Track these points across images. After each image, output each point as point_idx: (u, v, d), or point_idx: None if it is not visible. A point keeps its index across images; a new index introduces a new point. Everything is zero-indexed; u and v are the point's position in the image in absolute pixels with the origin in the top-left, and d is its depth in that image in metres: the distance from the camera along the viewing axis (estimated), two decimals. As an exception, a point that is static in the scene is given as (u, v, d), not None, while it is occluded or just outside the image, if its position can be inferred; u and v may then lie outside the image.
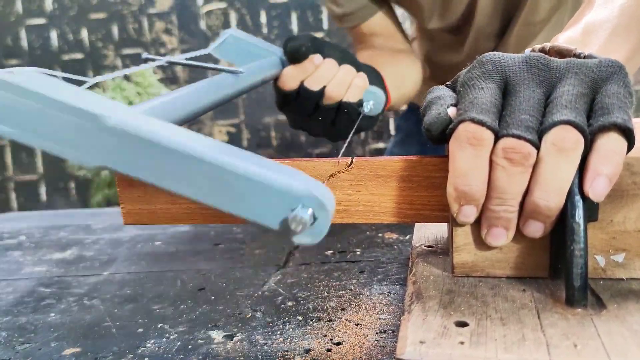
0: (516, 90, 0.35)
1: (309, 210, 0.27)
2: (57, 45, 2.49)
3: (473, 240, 0.37)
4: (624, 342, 0.29)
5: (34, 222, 0.87)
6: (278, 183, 0.27)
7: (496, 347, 0.29)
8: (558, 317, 0.31)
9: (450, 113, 0.36)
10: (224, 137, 2.47)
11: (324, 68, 0.65)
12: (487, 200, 0.34)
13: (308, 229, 0.27)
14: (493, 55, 0.37)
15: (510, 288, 0.35)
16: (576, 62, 0.35)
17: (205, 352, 0.42)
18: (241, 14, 2.41)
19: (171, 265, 0.61)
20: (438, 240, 0.44)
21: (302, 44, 0.64)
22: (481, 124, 0.33)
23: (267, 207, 0.27)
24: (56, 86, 0.27)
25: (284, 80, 0.65)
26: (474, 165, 0.33)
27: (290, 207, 0.27)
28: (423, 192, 0.39)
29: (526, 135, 0.32)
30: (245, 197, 0.27)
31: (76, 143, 0.27)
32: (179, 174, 0.27)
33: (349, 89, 0.67)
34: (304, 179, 0.28)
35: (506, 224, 0.35)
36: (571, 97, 0.33)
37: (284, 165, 0.28)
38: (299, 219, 0.26)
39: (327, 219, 0.27)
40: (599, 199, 0.32)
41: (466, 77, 0.37)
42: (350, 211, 0.40)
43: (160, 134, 0.27)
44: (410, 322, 0.31)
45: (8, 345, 0.45)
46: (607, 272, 0.36)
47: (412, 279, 0.38)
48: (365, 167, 0.39)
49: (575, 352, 0.28)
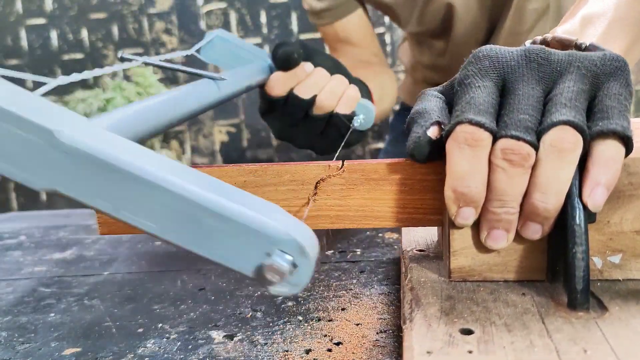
0: (515, 88, 0.34)
1: (288, 256, 0.23)
2: (57, 45, 2.49)
3: (470, 245, 0.36)
4: (632, 345, 0.28)
5: (34, 222, 0.87)
6: (251, 221, 0.23)
7: (506, 354, 0.28)
8: (562, 321, 0.31)
9: (430, 133, 0.36)
10: (224, 137, 2.47)
11: (315, 76, 0.63)
12: (486, 203, 0.34)
13: (286, 278, 0.23)
14: (490, 49, 0.36)
15: (509, 292, 0.35)
16: (578, 55, 0.35)
17: (205, 352, 0.42)
18: (241, 14, 2.40)
19: (171, 265, 0.61)
20: (429, 244, 0.44)
21: (294, 51, 0.61)
22: (479, 125, 0.33)
23: (239, 250, 0.23)
24: (9, 94, 0.23)
25: (272, 86, 0.61)
26: (473, 166, 0.33)
27: (265, 251, 0.23)
28: (416, 196, 0.38)
29: (525, 137, 0.32)
30: (214, 236, 0.23)
31: (23, 161, 0.23)
32: (138, 205, 0.23)
33: (341, 100, 0.63)
34: (283, 217, 0.24)
35: (507, 226, 0.34)
36: (571, 94, 0.33)
37: (261, 199, 0.25)
38: (275, 267, 0.23)
39: (309, 267, 0.23)
40: (597, 209, 0.32)
41: (462, 74, 0.36)
42: (342, 216, 0.39)
43: (120, 156, 0.23)
44: (414, 331, 0.31)
45: (8, 345, 0.45)
46: (604, 273, 0.36)
47: (408, 284, 0.37)
48: (357, 171, 0.38)
49: (586, 358, 0.27)
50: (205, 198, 0.23)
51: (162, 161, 0.25)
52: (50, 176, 0.23)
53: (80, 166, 0.23)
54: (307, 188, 0.39)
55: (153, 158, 0.24)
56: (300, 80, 0.62)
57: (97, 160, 0.23)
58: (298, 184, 0.39)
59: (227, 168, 0.39)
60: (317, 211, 0.39)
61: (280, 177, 0.39)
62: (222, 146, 2.47)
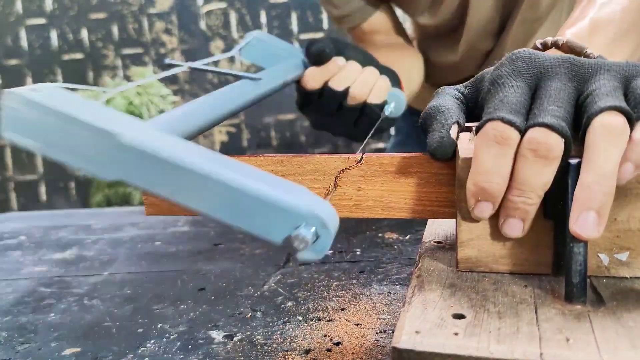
0: (547, 84, 0.35)
1: (312, 228, 0.28)
2: (57, 45, 2.49)
3: (477, 236, 0.37)
4: (616, 337, 0.29)
5: (34, 222, 0.87)
6: (283, 202, 0.28)
7: (489, 338, 0.29)
8: (555, 312, 0.32)
9: (453, 134, 0.37)
10: (224, 137, 2.47)
11: (347, 69, 0.67)
12: (507, 191, 0.34)
13: (310, 247, 0.28)
14: (524, 51, 0.37)
15: (512, 284, 0.36)
16: (605, 61, 0.36)
17: (205, 352, 0.42)
18: (241, 14, 2.41)
19: (171, 265, 0.61)
20: (448, 236, 0.45)
21: (325, 47, 0.65)
22: (510, 123, 0.33)
23: (272, 224, 0.28)
24: (75, 103, 0.29)
25: (308, 80, 0.66)
26: (497, 163, 0.33)
27: (294, 225, 0.28)
28: (431, 189, 0.39)
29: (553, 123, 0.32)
30: (252, 213, 0.28)
31: (94, 158, 0.28)
32: (189, 190, 0.28)
33: (373, 91, 0.67)
34: (308, 197, 0.29)
35: (523, 216, 0.35)
36: (609, 88, 0.34)
37: (289, 182, 0.29)
38: (301, 237, 0.27)
39: (329, 237, 0.28)
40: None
41: (495, 74, 0.37)
42: (360, 206, 0.41)
43: (170, 152, 0.28)
44: (409, 313, 0.32)
45: (8, 345, 0.45)
46: (611, 270, 0.36)
47: (416, 272, 0.38)
48: (375, 164, 0.40)
49: (566, 346, 0.28)
50: (245, 184, 0.28)
51: (208, 154, 0.29)
52: (116, 170, 0.28)
53: (138, 161, 0.28)
54: (328, 178, 0.41)
55: (199, 151, 0.29)
56: (334, 74, 0.66)
57: (150, 156, 0.28)
58: (320, 174, 0.41)
59: (256, 158, 0.42)
60: (337, 200, 0.41)
61: (304, 167, 0.41)
62: (222, 146, 2.47)
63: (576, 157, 0.33)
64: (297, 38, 2.37)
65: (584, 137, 0.33)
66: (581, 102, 0.35)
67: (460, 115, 0.38)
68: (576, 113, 0.35)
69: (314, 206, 0.28)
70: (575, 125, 0.35)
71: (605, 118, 0.32)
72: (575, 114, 0.35)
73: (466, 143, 0.37)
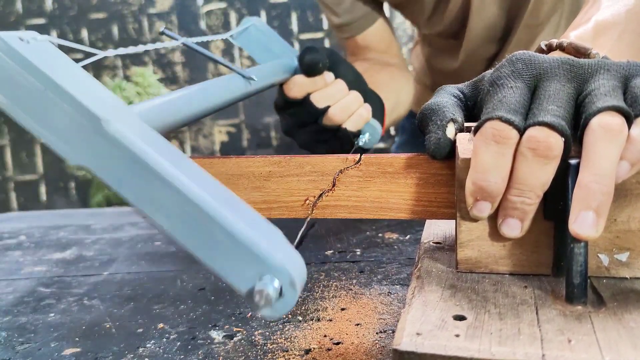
0: (545, 85, 0.35)
1: (276, 282, 0.25)
2: (57, 45, 2.49)
3: (477, 237, 0.37)
4: (618, 338, 0.29)
5: (34, 222, 0.87)
6: (252, 243, 0.25)
7: (490, 340, 0.29)
8: (556, 313, 0.32)
9: (450, 134, 0.37)
10: (224, 137, 2.47)
11: (333, 88, 0.65)
12: (506, 191, 0.34)
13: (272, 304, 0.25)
14: (523, 53, 0.37)
15: (512, 284, 0.36)
16: (605, 61, 0.36)
17: (205, 352, 0.42)
18: (241, 14, 2.41)
19: (171, 265, 0.61)
20: (447, 237, 0.45)
21: (320, 60, 0.63)
22: (509, 122, 0.33)
23: (236, 265, 0.26)
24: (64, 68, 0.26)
25: (291, 88, 0.64)
26: (496, 162, 0.33)
27: (259, 273, 0.25)
28: (430, 189, 0.39)
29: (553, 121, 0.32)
30: (215, 245, 0.25)
31: (66, 136, 0.25)
32: (156, 200, 0.25)
33: (352, 117, 0.66)
34: (283, 246, 0.26)
35: (522, 216, 0.35)
36: (608, 88, 0.34)
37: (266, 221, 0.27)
38: (264, 293, 0.25)
39: (294, 297, 0.25)
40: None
41: (494, 75, 0.37)
42: (359, 207, 0.41)
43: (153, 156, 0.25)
44: (409, 314, 0.32)
45: (8, 345, 0.45)
46: (611, 270, 0.36)
47: (416, 273, 0.38)
48: (373, 164, 0.40)
49: (568, 347, 0.28)
50: (216, 209, 0.25)
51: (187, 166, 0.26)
52: (85, 155, 0.25)
53: (116, 155, 0.25)
54: (326, 179, 0.41)
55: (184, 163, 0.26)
56: (319, 88, 0.64)
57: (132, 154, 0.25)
58: (318, 175, 0.41)
59: (254, 158, 0.42)
60: (335, 201, 0.41)
61: (302, 168, 0.41)
62: (222, 146, 2.47)
63: (576, 157, 0.33)
64: (297, 38, 2.37)
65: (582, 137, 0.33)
66: (580, 102, 0.35)
67: (456, 111, 0.38)
68: (576, 113, 0.35)
69: (286, 260, 0.25)
70: (575, 126, 0.35)
71: (603, 118, 0.32)
72: (575, 114, 0.35)
73: (465, 143, 0.37)
